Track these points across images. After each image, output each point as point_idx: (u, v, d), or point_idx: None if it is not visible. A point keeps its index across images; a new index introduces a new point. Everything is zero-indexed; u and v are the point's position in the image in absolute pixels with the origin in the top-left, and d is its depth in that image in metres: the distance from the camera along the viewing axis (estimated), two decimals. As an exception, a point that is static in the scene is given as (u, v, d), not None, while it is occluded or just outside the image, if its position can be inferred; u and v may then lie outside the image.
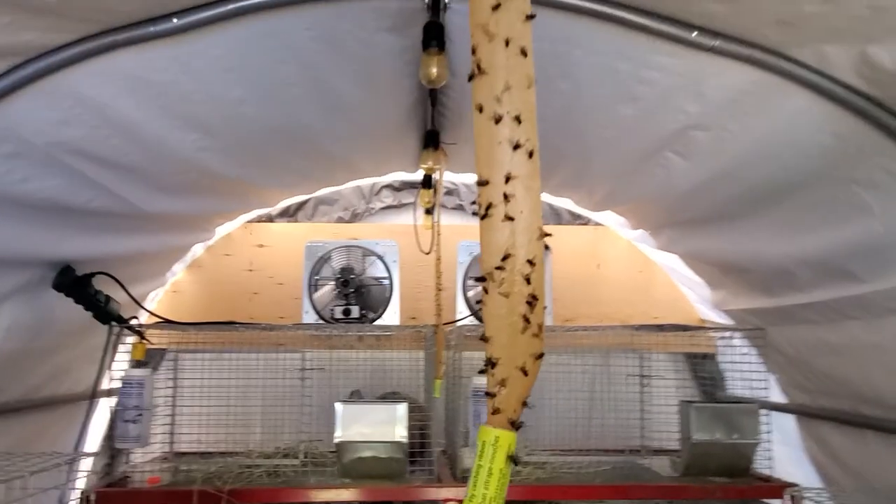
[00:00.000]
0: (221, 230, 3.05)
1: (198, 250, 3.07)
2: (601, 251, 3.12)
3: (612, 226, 2.99)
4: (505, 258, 0.68)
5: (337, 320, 2.93)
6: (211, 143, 1.97)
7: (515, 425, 0.72)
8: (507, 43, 0.68)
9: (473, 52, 0.68)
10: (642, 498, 2.27)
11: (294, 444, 2.49)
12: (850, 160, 1.62)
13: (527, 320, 0.68)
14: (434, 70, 1.30)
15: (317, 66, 1.75)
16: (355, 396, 2.69)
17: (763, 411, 2.25)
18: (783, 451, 2.43)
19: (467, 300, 3.03)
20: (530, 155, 0.69)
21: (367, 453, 2.21)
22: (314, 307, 3.04)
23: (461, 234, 3.13)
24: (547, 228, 2.38)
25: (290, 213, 3.21)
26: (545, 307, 0.71)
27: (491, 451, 0.70)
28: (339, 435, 2.20)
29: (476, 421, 2.27)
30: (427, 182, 2.30)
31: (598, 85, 1.76)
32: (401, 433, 2.23)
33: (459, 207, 3.21)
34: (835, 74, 1.43)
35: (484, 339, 0.69)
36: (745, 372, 2.47)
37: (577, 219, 3.11)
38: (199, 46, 1.54)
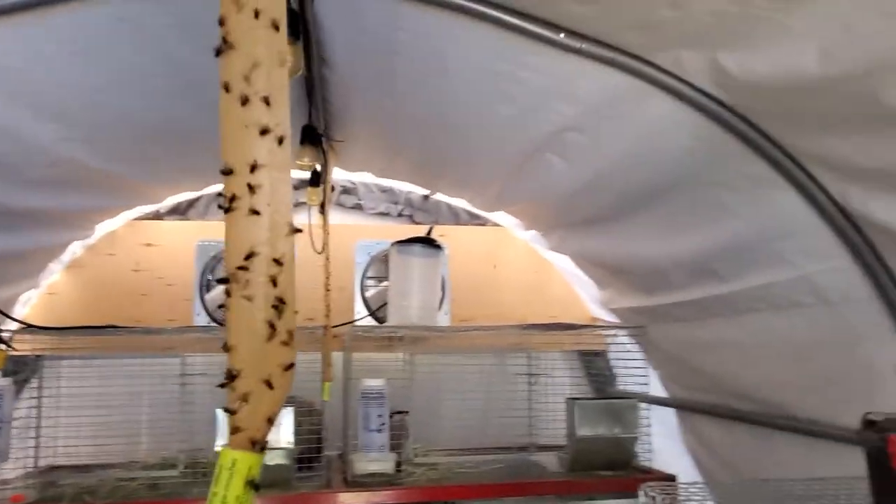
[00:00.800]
0: (103, 228, 2.87)
1: (77, 249, 2.88)
2: (499, 252, 3.15)
3: (508, 226, 3.02)
4: (249, 257, 0.62)
5: (229, 323, 2.81)
6: (72, 133, 1.84)
7: (259, 446, 0.64)
8: (256, 14, 0.63)
9: (221, 23, 0.63)
10: (531, 494, 2.29)
11: (175, 454, 2.37)
12: (712, 164, 1.69)
13: (273, 327, 0.62)
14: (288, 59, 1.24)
15: (179, 55, 1.66)
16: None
17: (644, 405, 2.33)
18: (665, 444, 2.52)
19: (365, 301, 2.98)
20: (280, 141, 0.63)
21: (250, 460, 2.13)
22: (206, 309, 2.92)
23: (360, 234, 3.08)
24: (444, 229, 2.38)
25: (180, 211, 3.06)
26: (296, 312, 0.65)
27: (227, 477, 0.61)
28: (221, 443, 2.11)
29: (366, 424, 2.23)
30: (316, 180, 2.25)
31: (477, 84, 1.76)
32: (287, 438, 2.16)
33: (358, 207, 3.16)
34: (691, 80, 1.48)
35: (226, 348, 0.63)
36: (631, 368, 2.55)
37: (474, 219, 3.12)
38: (44, 28, 1.43)
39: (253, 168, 0.62)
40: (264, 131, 0.63)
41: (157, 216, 3.03)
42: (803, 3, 1.09)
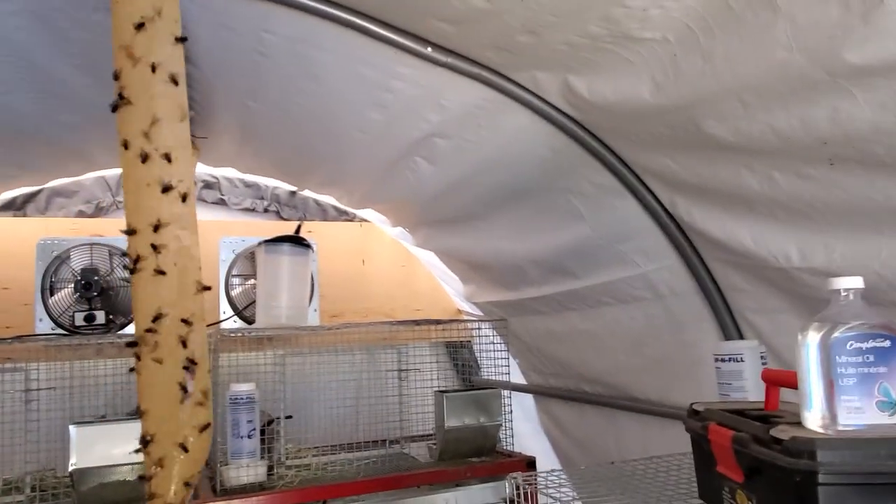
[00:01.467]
0: (-82, 226, 2.55)
1: None
2: (367, 247, 3.19)
3: (375, 223, 3.07)
4: (157, 318, 0.62)
5: (78, 327, 2.62)
6: None
7: None
8: (153, 68, 0.62)
9: (116, 77, 0.61)
10: (403, 487, 2.37)
11: (20, 475, 2.18)
12: (564, 172, 1.85)
13: (185, 389, 0.62)
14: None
15: (26, 48, 1.53)
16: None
17: (506, 393, 2.49)
18: (524, 427, 2.71)
19: (230, 300, 2.90)
20: (184, 199, 0.63)
21: (109, 478, 2.01)
22: (49, 314, 2.69)
23: (224, 230, 2.98)
24: (312, 225, 2.36)
25: (16, 206, 2.78)
26: (209, 370, 0.66)
27: None
28: (75, 462, 1.97)
29: (235, 431, 2.18)
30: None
31: (347, 89, 1.78)
32: (148, 449, 2.07)
33: (221, 202, 3.05)
34: (546, 97, 1.62)
35: (138, 412, 0.62)
36: (494, 358, 2.70)
37: (342, 215, 3.13)
38: None
39: (156, 227, 0.60)
40: (167, 188, 0.61)
41: (-13, 212, 2.74)
42: (641, 41, 1.23)
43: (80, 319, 2.66)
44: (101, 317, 2.64)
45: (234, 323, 2.90)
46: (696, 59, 1.18)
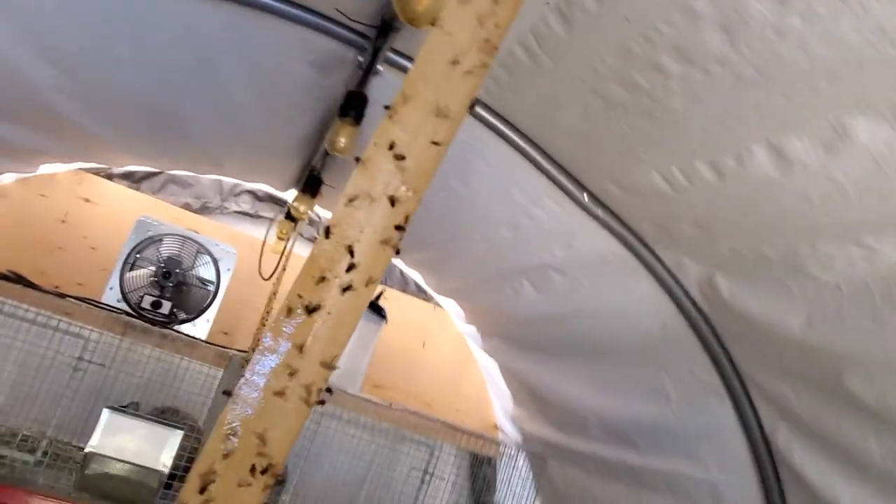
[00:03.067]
0: (47, 168, 2.68)
1: (7, 178, 2.67)
2: (432, 332, 3.16)
3: (450, 312, 3.06)
4: None
5: (142, 310, 2.67)
6: (70, 86, 1.74)
7: None
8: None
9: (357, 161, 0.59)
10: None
11: (36, 433, 2.18)
12: (668, 352, 1.80)
13: None
14: (343, 141, 1.24)
15: (216, 65, 1.63)
16: (132, 408, 2.44)
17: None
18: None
19: (286, 334, 2.90)
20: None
21: (118, 472, 1.99)
22: (122, 287, 2.75)
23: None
24: (389, 293, 2.35)
25: (134, 179, 2.91)
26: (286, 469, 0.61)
27: None
28: (94, 444, 1.96)
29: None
30: (290, 214, 2.20)
31: (490, 202, 1.81)
32: (164, 461, 2.04)
33: (314, 240, 3.10)
34: (683, 281, 1.59)
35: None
36: (516, 490, 2.59)
37: (421, 293, 3.14)
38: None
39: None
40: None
41: (107, 175, 2.86)
42: (811, 279, 1.20)
43: (147, 303, 2.71)
44: (166, 307, 2.69)
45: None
46: (865, 319, 1.14)
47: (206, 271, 2.83)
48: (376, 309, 2.49)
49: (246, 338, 2.98)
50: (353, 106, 1.29)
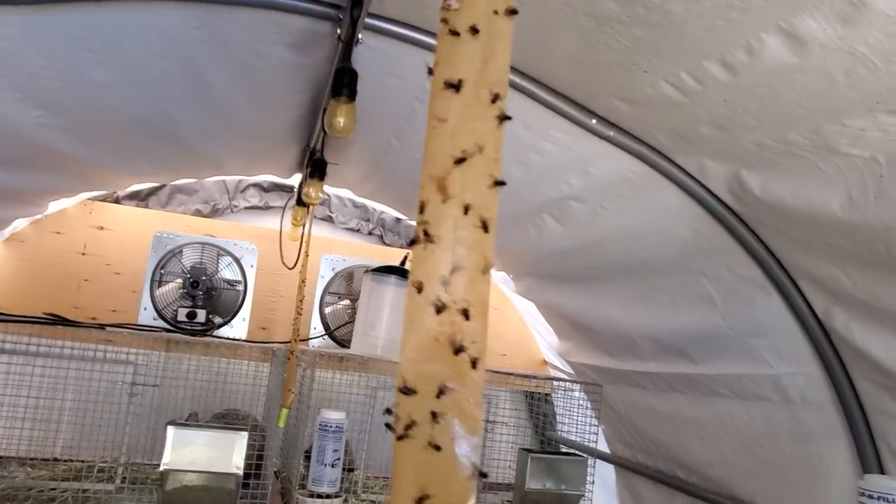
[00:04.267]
0: (55, 205, 2.68)
1: (20, 223, 2.68)
2: (463, 284, 3.16)
3: (477, 262, 3.04)
4: (421, 500, 0.51)
5: (179, 322, 2.70)
6: (57, 121, 1.72)
7: None
8: (466, 209, 0.55)
9: (421, 210, 0.54)
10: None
11: (110, 461, 2.24)
12: (704, 255, 1.77)
13: None
14: (341, 120, 1.20)
15: (199, 66, 1.59)
16: (192, 419, 2.49)
17: (590, 461, 2.40)
18: (599, 494, 2.60)
19: (323, 317, 2.93)
20: (474, 364, 0.53)
21: (196, 483, 2.05)
22: (154, 305, 2.78)
23: (326, 248, 3.02)
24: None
25: (140, 197, 2.90)
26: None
27: None
28: (168, 461, 2.01)
29: (320, 458, 2.18)
30: (301, 200, 2.18)
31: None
32: (237, 464, 2.09)
33: (328, 219, 3.10)
34: (709, 185, 1.55)
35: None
36: (577, 420, 2.62)
37: (444, 249, 3.12)
38: (53, 20, 1.33)
39: (440, 393, 0.50)
40: (459, 350, 0.52)
41: (114, 199, 2.86)
42: (844, 156, 1.16)
43: (182, 315, 2.74)
44: (201, 315, 2.72)
45: (322, 341, 2.94)
46: (909, 185, 1.09)
47: (230, 272, 2.85)
48: (404, 273, 2.48)
49: (284, 329, 3.01)
50: (343, 83, 1.24)
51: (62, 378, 2.36)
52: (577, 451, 2.48)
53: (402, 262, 2.64)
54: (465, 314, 0.53)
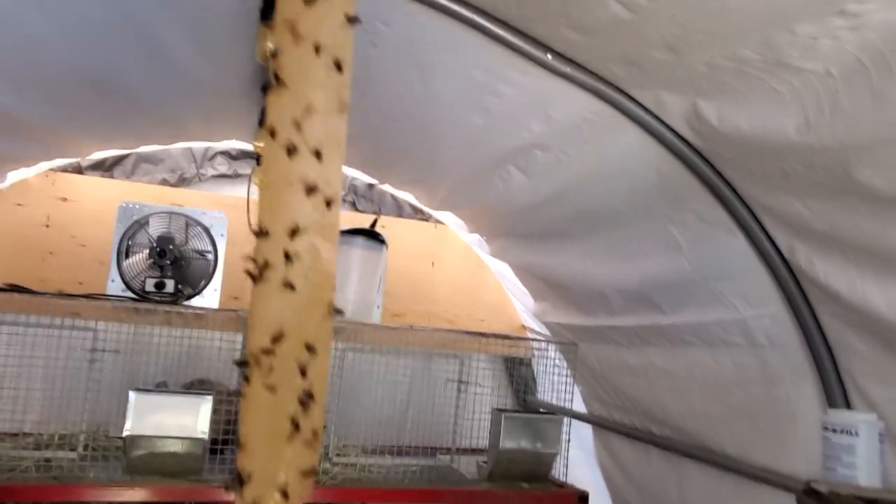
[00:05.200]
0: (15, 175, 2.62)
1: (-20, 195, 2.61)
2: (438, 249, 3.12)
3: (451, 226, 3.00)
4: (277, 339, 0.50)
5: (147, 293, 2.65)
6: (1, 82, 1.66)
7: None
8: (317, 50, 0.51)
9: (273, 55, 0.51)
10: (446, 502, 2.29)
11: (74, 432, 2.19)
12: (668, 199, 1.73)
13: (297, 426, 0.52)
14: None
15: (143, 17, 1.53)
16: (162, 388, 2.44)
17: (566, 421, 2.38)
18: (577, 455, 2.59)
19: (296, 285, 2.89)
20: (328, 204, 0.51)
21: (160, 449, 2.01)
22: (122, 277, 2.73)
23: (298, 216, 2.97)
24: (386, 221, 2.30)
25: (104, 168, 2.83)
26: (326, 409, 0.55)
27: None
28: (130, 428, 1.97)
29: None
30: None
31: (453, 90, 1.71)
32: (202, 429, 2.05)
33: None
34: (667, 120, 1.50)
35: (238, 444, 0.52)
36: (554, 382, 2.59)
37: (417, 213, 3.08)
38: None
39: (293, 232, 0.48)
40: (311, 189, 0.49)
41: (77, 170, 2.79)
42: (797, 72, 1.11)
43: (150, 285, 2.69)
44: (170, 285, 2.67)
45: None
46: (864, 99, 1.05)
47: (200, 242, 2.80)
48: (373, 235, 2.44)
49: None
50: (270, 5, 1.18)
51: (27, 346, 2.31)
52: (547, 408, 2.45)
53: (372, 225, 2.59)
54: (318, 155, 0.50)
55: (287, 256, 0.47)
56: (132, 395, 1.99)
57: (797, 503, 1.01)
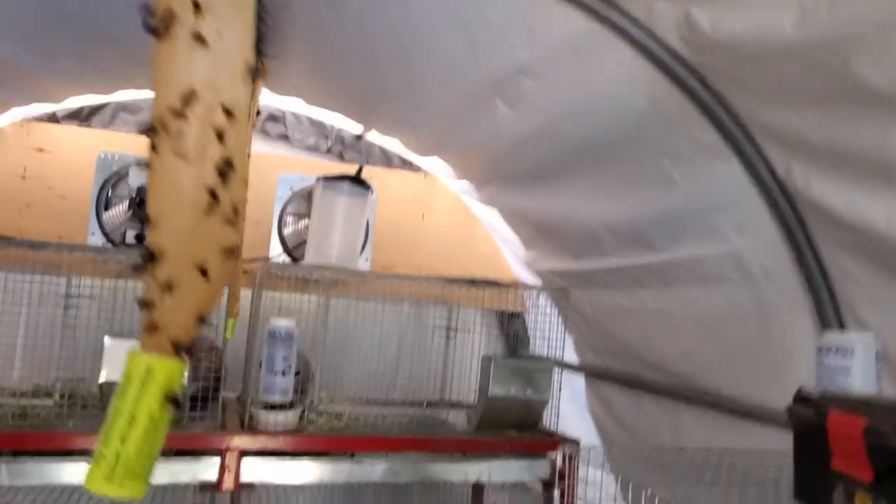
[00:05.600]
0: (-14, 123, 2.53)
1: (-47, 145, 2.53)
2: (428, 201, 3.04)
3: (440, 175, 2.92)
4: (187, 100, 0.44)
5: (127, 246, 2.59)
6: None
7: (182, 350, 0.47)
8: None
9: None
10: (436, 450, 2.25)
11: (51, 382, 2.14)
12: (661, 128, 1.65)
13: (215, 196, 0.46)
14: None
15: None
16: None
17: (556, 370, 2.32)
18: (571, 408, 2.54)
19: (282, 238, 2.82)
20: None
21: (137, 393, 1.95)
22: (102, 229, 2.67)
23: (284, 166, 2.89)
24: (374, 172, 2.23)
25: (82, 117, 2.75)
26: (246, 181, 0.49)
27: (138, 389, 0.45)
28: (105, 375, 1.92)
29: (269, 367, 2.09)
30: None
31: (433, 16, 1.63)
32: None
33: (284, 137, 2.95)
34: (658, 33, 1.42)
35: (146, 220, 0.46)
36: (547, 332, 2.53)
37: (406, 165, 3.00)
38: None
39: None
40: None
41: (54, 119, 2.71)
42: (793, -45, 1.03)
43: (131, 237, 2.63)
44: (152, 237, 2.61)
45: (282, 261, 2.82)
46: (865, -20, 0.97)
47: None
48: (359, 181, 2.37)
49: (245, 251, 2.89)
50: None
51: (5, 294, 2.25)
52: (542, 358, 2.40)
53: (358, 172, 2.52)
54: None
55: (196, 6, 0.40)
56: (107, 340, 1.93)
57: (788, 413, 0.95)
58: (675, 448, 1.24)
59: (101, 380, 1.92)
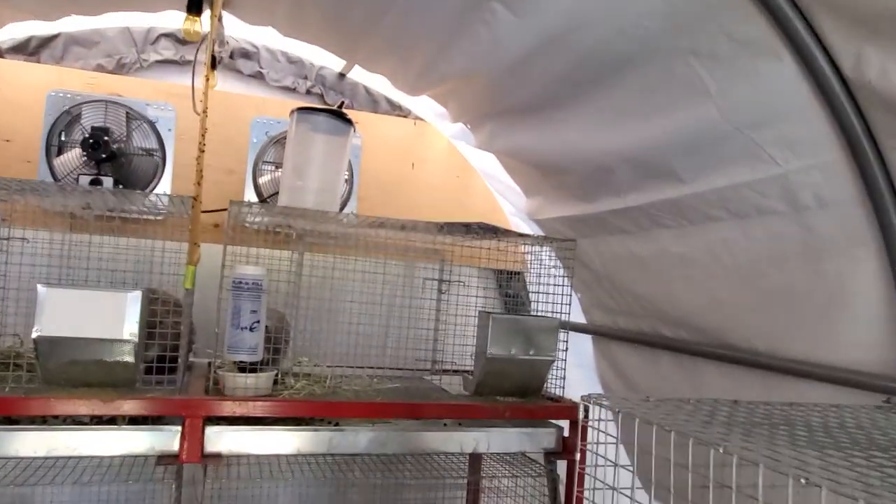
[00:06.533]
0: (-82, 56, 2.23)
1: None
2: (419, 149, 2.75)
3: (431, 121, 2.63)
4: None
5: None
6: None
7: None
8: None
9: None
10: (427, 417, 1.99)
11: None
12: (691, 22, 1.36)
13: None
14: None
15: None
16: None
17: (562, 331, 2.05)
18: (577, 374, 2.28)
19: (257, 187, 2.54)
20: None
21: (80, 355, 1.68)
22: (53, 176, 2.39)
23: (259, 108, 2.60)
24: (360, 116, 1.91)
25: (28, 51, 2.45)
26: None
27: None
28: (41, 328, 1.64)
29: (235, 321, 1.82)
30: (196, 3, 1.72)
31: None
32: (131, 330, 1.71)
33: (258, 75, 2.66)
34: None
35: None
36: (551, 292, 2.26)
37: (395, 109, 2.71)
38: None
39: None
40: None
41: (-6, 52, 2.41)
42: None
43: (85, 183, 2.35)
44: (108, 183, 2.33)
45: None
46: None
47: (144, 138, 2.45)
48: (339, 115, 2.07)
49: (212, 200, 2.61)
50: None
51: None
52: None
53: (339, 106, 2.23)
54: None
55: None
56: (41, 289, 1.65)
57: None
58: (727, 400, 0.97)
59: (35, 333, 1.64)
